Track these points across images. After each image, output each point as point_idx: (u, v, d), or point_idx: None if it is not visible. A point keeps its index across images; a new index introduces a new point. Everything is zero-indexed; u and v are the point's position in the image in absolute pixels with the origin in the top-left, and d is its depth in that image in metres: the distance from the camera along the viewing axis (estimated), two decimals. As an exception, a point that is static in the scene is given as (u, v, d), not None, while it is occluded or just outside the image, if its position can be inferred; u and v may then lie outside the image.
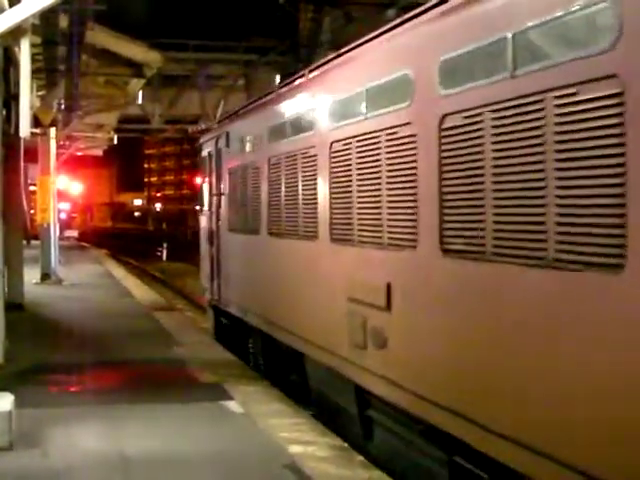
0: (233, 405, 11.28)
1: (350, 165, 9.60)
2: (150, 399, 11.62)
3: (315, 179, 10.85)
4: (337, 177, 10.05)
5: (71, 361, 14.26)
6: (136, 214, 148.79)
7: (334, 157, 10.13)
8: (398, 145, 8.29)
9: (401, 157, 8.23)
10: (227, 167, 16.25)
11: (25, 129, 10.32)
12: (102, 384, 12.87)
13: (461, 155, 7.09)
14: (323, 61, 11.25)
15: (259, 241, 13.69)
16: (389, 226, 8.57)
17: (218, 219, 17.11)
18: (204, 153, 18.86)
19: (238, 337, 16.46)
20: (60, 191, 44.81)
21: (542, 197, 5.97)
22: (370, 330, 8.93)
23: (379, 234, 8.77)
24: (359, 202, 9.36)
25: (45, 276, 29.06)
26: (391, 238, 8.50)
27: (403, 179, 8.19)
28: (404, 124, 8.15)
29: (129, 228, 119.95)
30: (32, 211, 37.79)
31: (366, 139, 9.09)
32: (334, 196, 10.17)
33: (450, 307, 7.34)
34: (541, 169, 5.98)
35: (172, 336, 17.51)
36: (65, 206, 71.80)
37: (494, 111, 6.57)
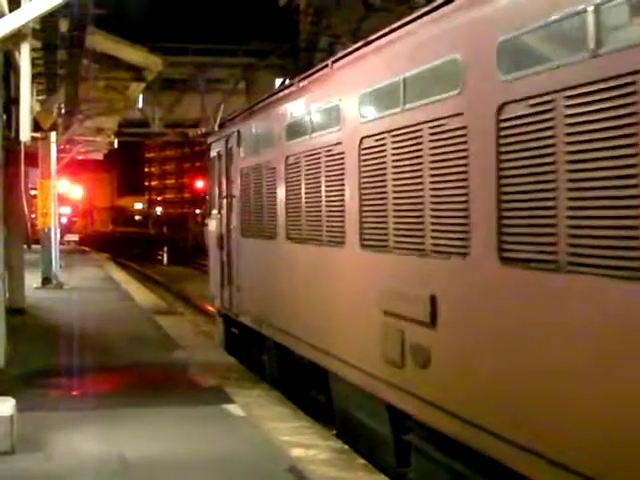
0: (234, 408, 11.29)
1: (384, 163, 8.71)
2: (151, 403, 11.62)
3: (341, 179, 9.91)
4: (368, 176, 9.13)
5: (72, 365, 14.25)
6: (137, 218, 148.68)
7: (365, 154, 9.21)
8: (445, 139, 7.39)
9: (449, 152, 7.33)
10: (239, 168, 15.17)
11: (25, 133, 10.33)
12: (103, 388, 12.88)
13: (526, 149, 6.19)
14: (349, 50, 10.36)
15: (276, 247, 12.72)
16: (433, 231, 7.67)
17: (229, 223, 16.04)
18: (213, 153, 17.91)
19: (251, 349, 15.44)
20: (61, 195, 44.86)
21: (635, 197, 5.14)
22: (410, 347, 8.11)
23: (420, 240, 7.89)
24: (395, 204, 8.47)
25: (46, 280, 29.06)
26: (436, 245, 7.60)
27: (451, 177, 7.32)
28: (453, 115, 7.24)
29: (130, 232, 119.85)
30: (33, 215, 37.79)
31: (404, 133, 8.21)
32: (365, 198, 9.22)
33: (508, 326, 6.46)
34: (633, 164, 5.13)
35: (173, 339, 17.52)
36: (66, 210, 71.88)
37: (569, 97, 5.70)
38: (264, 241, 13.39)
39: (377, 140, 8.85)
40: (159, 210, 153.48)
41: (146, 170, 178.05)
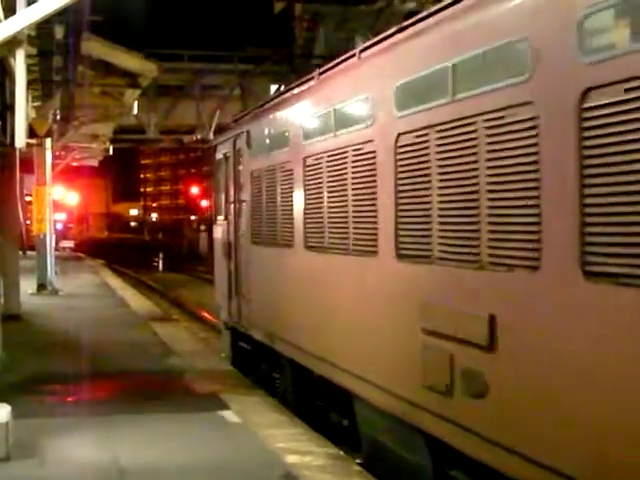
0: (229, 415, 11.27)
1: (427, 161, 7.68)
2: (146, 409, 11.61)
3: (373, 181, 8.86)
4: (406, 177, 8.07)
5: (67, 371, 14.23)
6: (132, 224, 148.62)
7: (402, 152, 8.16)
8: (508, 133, 6.41)
9: (513, 148, 6.36)
10: (249, 170, 14.09)
11: (21, 140, 10.34)
12: (98, 394, 12.86)
13: (615, 143, 5.26)
14: (379, 38, 9.32)
15: (293, 256, 11.62)
16: (491, 240, 6.64)
17: (237, 230, 14.99)
18: (219, 156, 16.76)
19: (261, 365, 14.54)
20: (56, 201, 44.82)
21: None
22: (460, 373, 7.08)
23: (475, 250, 6.84)
24: (441, 209, 7.42)
25: (41, 286, 29.04)
26: (495, 256, 6.58)
27: (516, 177, 6.32)
28: (519, 105, 6.23)
29: (125, 238, 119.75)
30: (28, 222, 37.83)
31: (453, 127, 7.20)
32: (401, 201, 8.18)
33: (594, 352, 5.48)
34: None
35: (168, 346, 17.50)
36: (61, 216, 71.87)
37: None
38: (278, 249, 12.42)
39: (418, 136, 7.84)
40: (154, 216, 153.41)
41: (141, 176, 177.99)
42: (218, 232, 16.95)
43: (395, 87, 8.35)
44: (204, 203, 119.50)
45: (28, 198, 35.98)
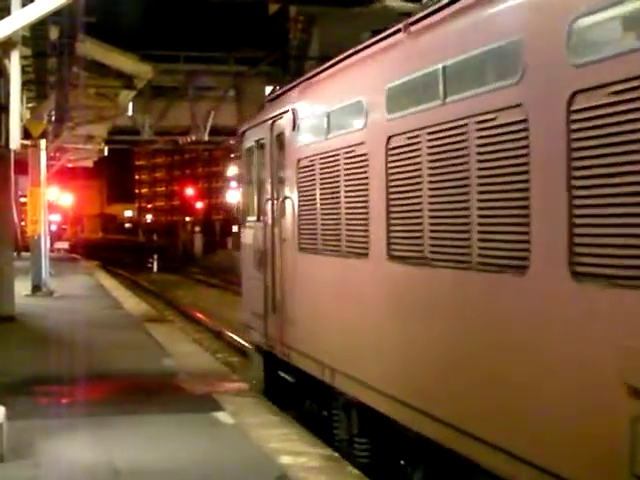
0: (223, 416, 11.28)
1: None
2: (141, 410, 11.61)
3: (524, 168, 6.01)
4: (587, 157, 5.39)
5: (62, 373, 14.21)
6: (127, 225, 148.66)
7: (577, 122, 5.45)
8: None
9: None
10: (295, 159, 11.36)
11: (15, 141, 10.35)
12: (93, 395, 12.85)
13: None
14: None
15: (367, 269, 9.01)
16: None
17: (277, 234, 12.27)
18: (248, 143, 14.23)
19: (307, 400, 12.08)
20: (50, 203, 44.82)
21: None
22: None
23: None
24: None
25: (36, 288, 29.00)
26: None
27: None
28: None
29: (120, 239, 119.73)
30: (22, 223, 37.83)
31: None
32: (581, 193, 5.46)
33: None
34: None
35: (163, 347, 17.49)
36: (56, 218, 71.83)
37: None
38: (342, 260, 9.75)
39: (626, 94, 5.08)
40: (149, 218, 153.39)
41: (136, 178, 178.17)
42: (248, 236, 14.40)
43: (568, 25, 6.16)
44: (199, 205, 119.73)
45: (23, 199, 36.02)
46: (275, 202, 12.44)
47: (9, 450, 9.19)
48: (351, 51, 9.99)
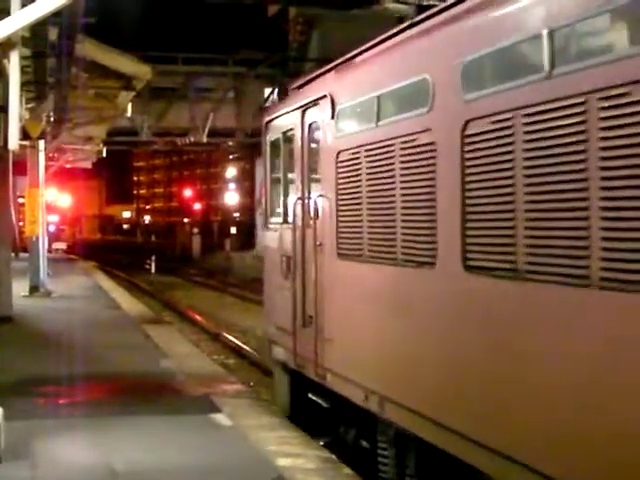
0: (221, 418, 11.27)
1: None
2: (138, 412, 11.60)
3: None
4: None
5: (59, 373, 14.21)
6: (125, 226, 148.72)
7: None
8: None
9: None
10: (334, 152, 9.87)
11: (14, 141, 10.33)
12: (90, 396, 12.84)
13: None
14: None
15: (433, 281, 7.63)
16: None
17: (309, 238, 10.74)
18: (273, 135, 12.71)
19: (341, 427, 10.70)
20: (49, 203, 44.80)
21: None
22: None
23: None
24: None
25: (34, 288, 28.99)
26: None
27: None
28: None
29: (118, 240, 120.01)
30: (21, 223, 37.81)
31: None
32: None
33: None
34: None
35: (160, 348, 17.49)
36: (54, 218, 71.82)
37: None
38: (397, 270, 8.34)
39: None
40: (147, 219, 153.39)
41: (134, 179, 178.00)
42: (271, 240, 12.81)
43: None
44: (197, 206, 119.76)
45: (21, 200, 35.98)
46: (307, 201, 10.94)
47: (6, 451, 9.18)
48: (409, 23, 8.56)
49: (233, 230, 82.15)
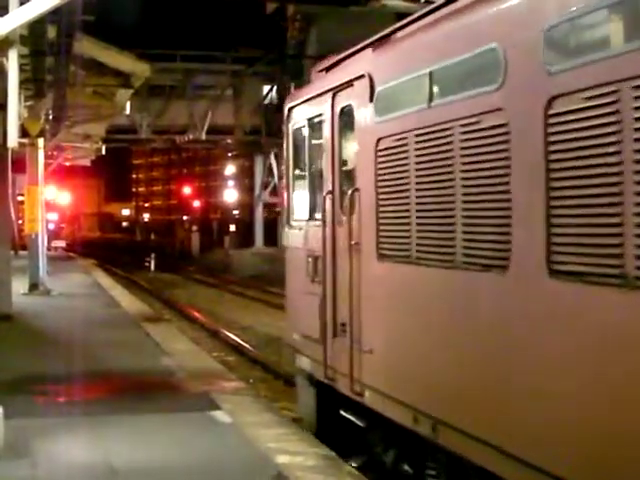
0: (221, 415, 11.27)
1: None
2: (138, 409, 11.60)
3: None
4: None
5: (59, 371, 14.21)
6: (124, 224, 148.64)
7: None
8: None
9: None
10: (372, 139, 8.79)
11: (13, 139, 10.34)
12: (90, 394, 12.83)
13: None
14: None
15: (506, 288, 6.48)
16: None
17: (338, 236, 9.86)
18: (296, 124, 11.64)
19: (377, 449, 9.63)
20: (48, 201, 44.79)
21: None
22: None
23: None
24: None
25: (33, 286, 28.97)
26: None
27: None
28: None
29: (117, 238, 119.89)
30: (20, 221, 37.81)
31: None
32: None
33: None
34: None
35: (160, 346, 17.48)
36: (53, 216, 71.75)
37: None
38: (457, 274, 7.21)
39: None
40: (146, 216, 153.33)
41: (133, 176, 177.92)
42: (295, 239, 11.64)
43: None
44: (196, 203, 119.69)
45: (20, 198, 35.99)
46: (335, 195, 9.96)
47: (6, 448, 9.20)
48: None
49: (232, 228, 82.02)
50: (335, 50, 10.98)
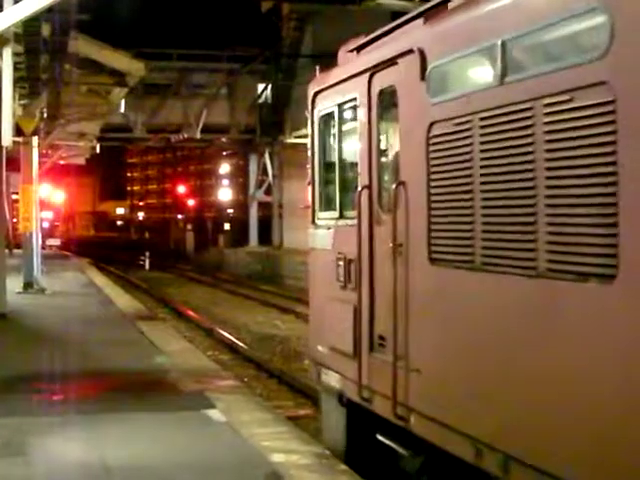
0: (215, 414, 11.26)
1: None
2: (132, 408, 11.59)
3: None
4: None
5: (54, 370, 14.20)
6: (119, 223, 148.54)
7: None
8: None
9: None
10: (423, 124, 7.56)
11: (7, 138, 10.35)
12: (85, 393, 12.83)
13: None
14: None
15: (614, 303, 5.25)
16: None
17: (376, 236, 8.71)
18: (323, 110, 10.33)
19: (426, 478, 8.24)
20: (42, 200, 44.76)
21: None
22: None
23: None
24: None
25: (28, 285, 28.94)
26: None
27: None
28: None
29: (112, 237, 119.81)
30: (14, 220, 37.78)
31: None
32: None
33: None
34: None
35: (154, 345, 17.47)
36: (48, 215, 71.70)
37: None
38: (540, 283, 5.93)
39: None
40: (141, 215, 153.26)
41: (128, 175, 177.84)
42: (322, 240, 10.33)
43: None
44: (190, 202, 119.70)
45: (14, 196, 35.97)
46: (372, 190, 8.79)
47: (1, 447, 9.19)
48: None
49: (227, 226, 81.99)
50: (330, 49, 10.89)
